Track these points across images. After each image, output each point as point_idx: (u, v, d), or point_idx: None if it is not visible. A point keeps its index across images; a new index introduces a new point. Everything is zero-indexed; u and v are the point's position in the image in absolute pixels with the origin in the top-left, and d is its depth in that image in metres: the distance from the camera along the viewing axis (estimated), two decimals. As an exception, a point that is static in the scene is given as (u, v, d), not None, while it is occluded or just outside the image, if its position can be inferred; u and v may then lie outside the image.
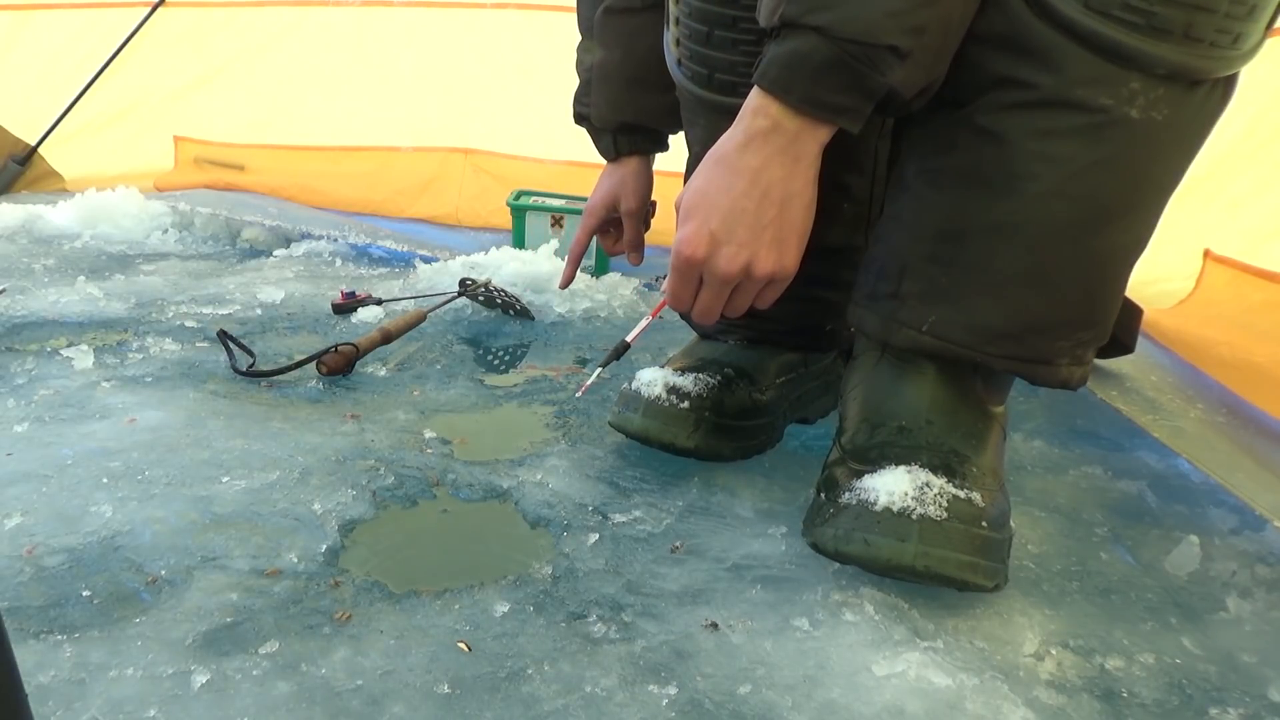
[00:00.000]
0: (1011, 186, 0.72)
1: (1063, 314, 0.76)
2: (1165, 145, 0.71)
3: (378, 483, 0.89)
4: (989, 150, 0.72)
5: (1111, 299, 0.79)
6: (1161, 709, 0.64)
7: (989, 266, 0.74)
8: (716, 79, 0.87)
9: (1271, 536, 0.85)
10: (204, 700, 0.60)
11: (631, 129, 1.19)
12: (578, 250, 1.29)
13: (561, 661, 0.65)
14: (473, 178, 2.10)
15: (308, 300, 1.50)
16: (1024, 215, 0.72)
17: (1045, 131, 0.70)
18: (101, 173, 2.17)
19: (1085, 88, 0.69)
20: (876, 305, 0.80)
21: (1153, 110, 0.69)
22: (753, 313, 0.97)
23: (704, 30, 0.84)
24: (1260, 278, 1.37)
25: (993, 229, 0.74)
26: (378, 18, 2.17)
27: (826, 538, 0.73)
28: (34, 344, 1.24)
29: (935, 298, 0.76)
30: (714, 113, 0.89)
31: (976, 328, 0.76)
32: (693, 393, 0.92)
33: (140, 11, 2.19)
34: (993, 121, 0.72)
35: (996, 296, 0.75)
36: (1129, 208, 0.73)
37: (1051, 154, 0.71)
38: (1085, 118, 0.69)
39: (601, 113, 1.19)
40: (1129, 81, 0.68)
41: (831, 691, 0.63)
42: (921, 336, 0.77)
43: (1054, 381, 0.78)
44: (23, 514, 0.80)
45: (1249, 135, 1.48)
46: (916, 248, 0.77)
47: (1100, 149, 0.70)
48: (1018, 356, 0.76)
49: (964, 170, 0.74)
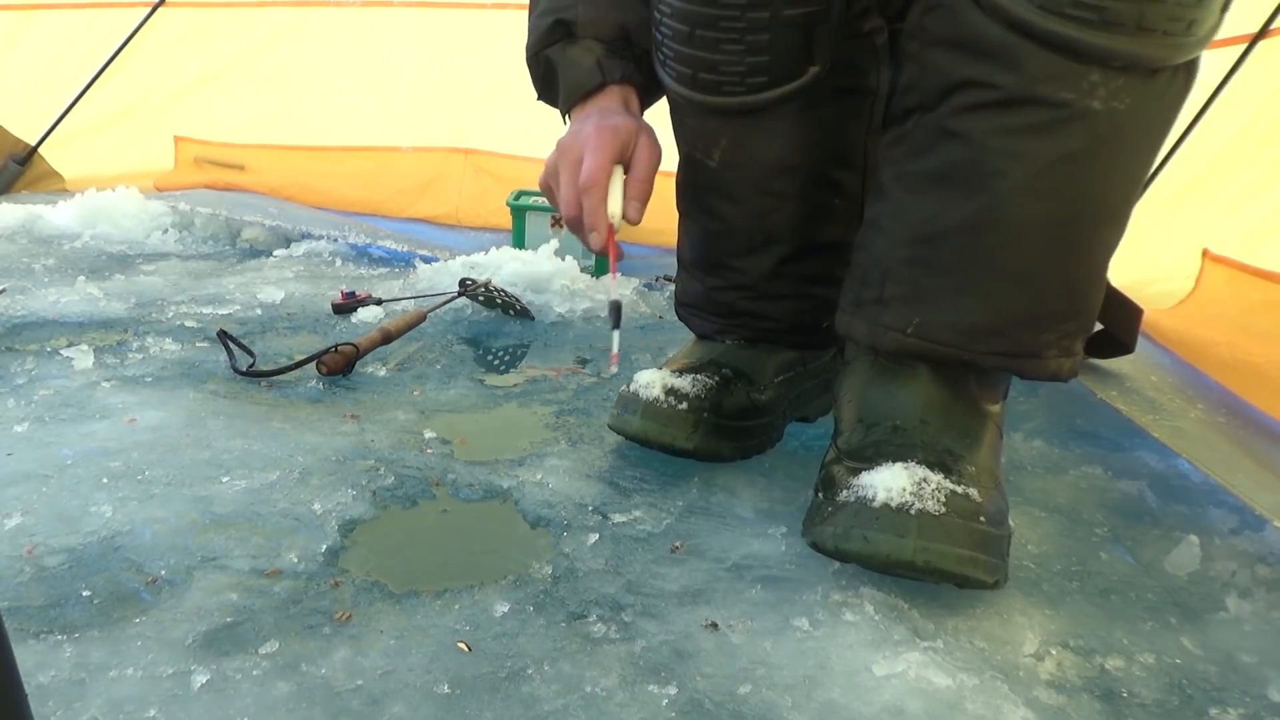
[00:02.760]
0: (983, 185, 0.73)
1: (1045, 307, 0.76)
2: (1131, 133, 0.72)
3: (378, 483, 0.89)
4: (958, 152, 0.74)
5: (1093, 288, 0.79)
6: (1161, 709, 0.64)
7: (968, 266, 0.75)
8: (700, 78, 0.86)
9: (1271, 536, 0.85)
10: (204, 700, 0.60)
11: (626, 44, 0.91)
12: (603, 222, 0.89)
13: (561, 661, 0.65)
14: (473, 178, 2.10)
15: (308, 300, 1.50)
16: (997, 213, 0.73)
17: (1010, 129, 0.71)
18: (101, 173, 2.18)
19: (1046, 84, 0.69)
20: (862, 311, 0.81)
21: (1114, 100, 0.69)
22: (750, 311, 0.98)
23: (685, 30, 0.84)
24: (1259, 277, 1.37)
25: (968, 228, 0.74)
26: (378, 18, 2.17)
27: (826, 536, 0.73)
28: (34, 344, 1.24)
29: (918, 300, 0.77)
30: (700, 112, 0.89)
31: (961, 327, 0.76)
32: (691, 394, 0.92)
33: (140, 11, 2.19)
34: (959, 123, 0.73)
35: (977, 294, 0.76)
36: (1101, 197, 0.74)
37: (1019, 151, 0.71)
38: (1049, 113, 0.70)
39: (596, 11, 0.91)
40: (1088, 75, 0.69)
41: (831, 691, 0.63)
42: (907, 339, 0.78)
43: (1044, 374, 0.78)
44: (23, 514, 0.80)
45: (1247, 135, 1.48)
46: (896, 252, 0.78)
47: (1067, 142, 0.71)
48: (1004, 352, 0.77)
49: (936, 173, 0.76)
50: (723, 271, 0.98)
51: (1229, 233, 1.46)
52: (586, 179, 0.86)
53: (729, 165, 0.91)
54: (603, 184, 0.86)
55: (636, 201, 0.88)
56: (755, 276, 0.96)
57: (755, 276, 0.96)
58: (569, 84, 0.92)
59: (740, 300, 0.98)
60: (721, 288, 0.98)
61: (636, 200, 0.88)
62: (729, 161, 0.91)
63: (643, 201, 0.89)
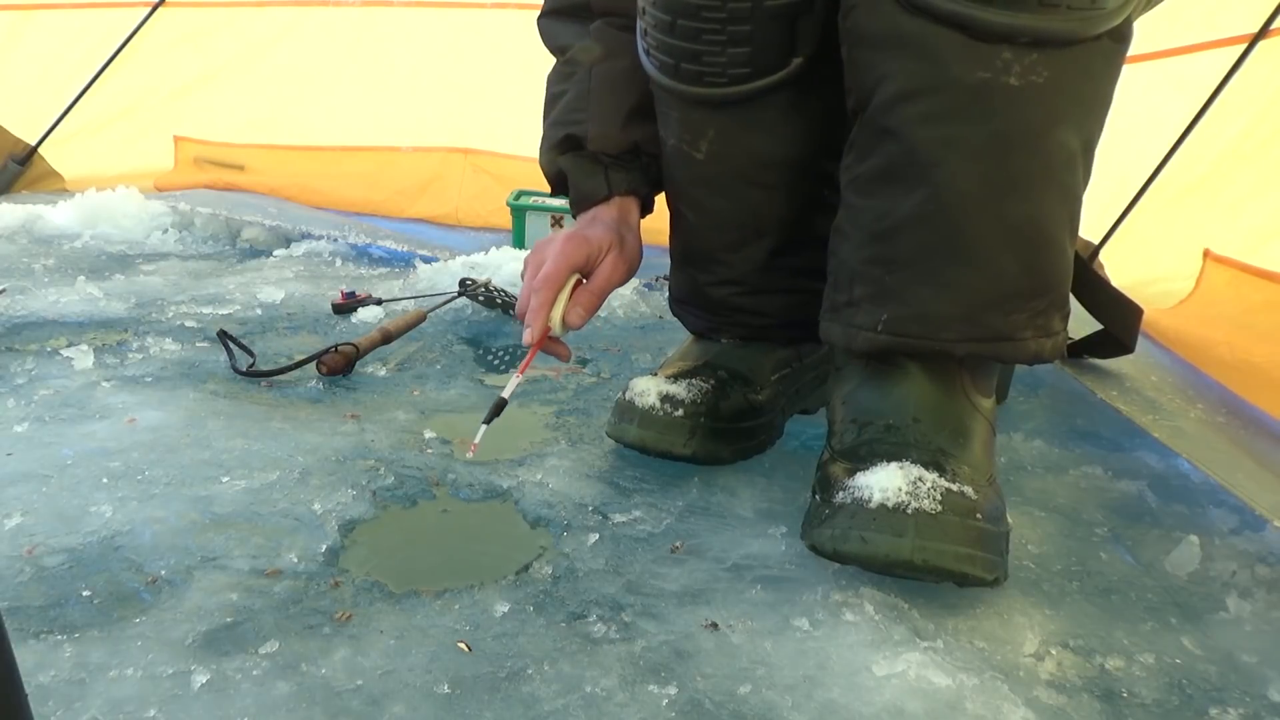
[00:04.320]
0: (922, 177, 0.74)
1: (1005, 287, 0.76)
2: (1058, 104, 0.72)
3: (378, 483, 0.89)
4: (894, 147, 0.75)
5: (1054, 262, 0.78)
6: (1161, 709, 0.64)
7: (923, 257, 0.76)
8: (683, 69, 0.86)
9: (1271, 536, 0.85)
10: (204, 700, 0.60)
11: (634, 154, 0.96)
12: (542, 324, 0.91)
13: (561, 661, 0.65)
14: (473, 178, 2.10)
15: (308, 300, 1.50)
16: (939, 200, 0.74)
17: (935, 116, 0.72)
18: (101, 173, 2.18)
19: (958, 66, 0.70)
20: (837, 316, 0.82)
21: (1031, 75, 0.70)
22: (743, 307, 0.98)
23: (668, 20, 0.84)
24: (1260, 278, 1.37)
25: (916, 220, 0.75)
26: (378, 18, 2.17)
27: (824, 538, 0.73)
28: (34, 344, 1.24)
29: (884, 297, 0.78)
30: (684, 104, 0.89)
31: (927, 318, 0.76)
32: (687, 399, 0.92)
33: (140, 11, 2.19)
34: (889, 120, 0.74)
35: (936, 284, 0.76)
36: (1039, 170, 0.74)
37: (948, 137, 0.72)
38: (967, 95, 0.71)
39: (605, 129, 0.95)
40: (999, 53, 0.69)
41: (831, 691, 0.63)
42: (878, 336, 0.78)
43: (1025, 356, 0.78)
44: (23, 514, 0.80)
45: (1249, 136, 1.48)
46: (859, 253, 0.79)
47: (992, 121, 0.71)
48: (976, 338, 0.77)
49: (879, 172, 0.77)
50: (713, 266, 0.97)
51: (1231, 234, 1.46)
52: (539, 280, 0.90)
53: (716, 158, 0.91)
54: (553, 287, 0.90)
55: (580, 309, 0.92)
56: (746, 270, 0.96)
57: (746, 270, 0.96)
58: (579, 192, 0.97)
59: (733, 296, 0.98)
60: (713, 283, 0.98)
61: (580, 308, 0.93)
62: (716, 154, 0.91)
63: (587, 310, 0.93)
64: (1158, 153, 1.57)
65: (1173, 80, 1.57)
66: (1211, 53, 1.53)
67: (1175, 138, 1.55)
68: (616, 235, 0.94)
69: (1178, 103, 1.56)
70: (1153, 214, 1.60)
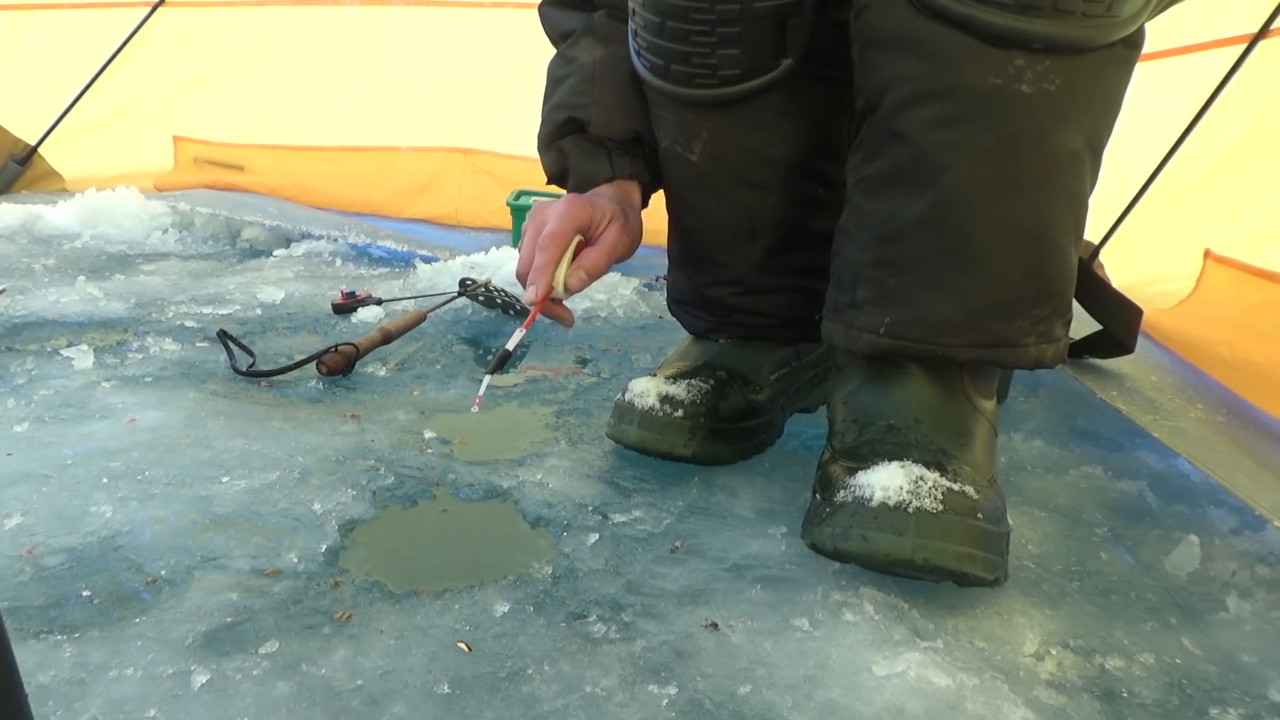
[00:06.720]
0: (928, 181, 0.73)
1: (1009, 293, 0.76)
2: (1068, 112, 0.72)
3: (378, 483, 0.89)
4: (902, 151, 0.74)
5: (1059, 270, 0.77)
6: (1161, 709, 0.64)
7: (929, 261, 0.76)
8: (673, 70, 0.86)
9: (1271, 536, 0.85)
10: (204, 700, 0.60)
11: (637, 143, 0.96)
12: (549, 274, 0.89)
13: (561, 661, 0.65)
14: (472, 178, 2.10)
15: (308, 300, 1.50)
16: (946, 205, 0.73)
17: (945, 121, 0.72)
18: (101, 173, 2.18)
19: (970, 71, 0.70)
20: (840, 316, 0.82)
21: (1043, 82, 0.70)
22: (741, 308, 0.98)
23: (657, 21, 0.84)
24: (1260, 278, 1.37)
25: (922, 224, 0.75)
26: (377, 18, 2.17)
27: (824, 537, 0.73)
28: (34, 344, 1.24)
29: (887, 300, 0.78)
30: (676, 105, 0.89)
31: (930, 323, 0.76)
32: (686, 400, 0.92)
33: (140, 11, 2.19)
34: (898, 123, 0.74)
35: (940, 288, 0.76)
36: (1046, 177, 0.74)
37: (957, 142, 0.72)
38: (979, 100, 0.70)
39: (609, 115, 0.94)
40: (1012, 59, 0.69)
41: (831, 691, 0.63)
42: (880, 339, 0.78)
43: (1026, 362, 0.78)
44: (23, 514, 0.80)
45: (1249, 136, 1.48)
46: (863, 255, 0.79)
47: (1002, 127, 0.71)
48: (978, 343, 0.77)
49: (887, 174, 0.76)
50: (710, 267, 0.98)
51: (1231, 234, 1.46)
52: (545, 238, 0.87)
53: (710, 159, 0.91)
54: (559, 245, 0.87)
55: (582, 271, 0.89)
56: (743, 271, 0.96)
57: (743, 271, 0.96)
58: (581, 174, 0.94)
59: (730, 296, 0.98)
60: (711, 284, 0.98)
61: (583, 270, 0.89)
62: (710, 155, 0.91)
63: (590, 274, 0.90)
64: (1158, 153, 1.57)
65: (1173, 80, 1.56)
66: (1211, 53, 1.53)
67: (1175, 138, 1.55)
68: (620, 208, 0.92)
69: (1178, 103, 1.56)
70: (1153, 214, 1.59)
